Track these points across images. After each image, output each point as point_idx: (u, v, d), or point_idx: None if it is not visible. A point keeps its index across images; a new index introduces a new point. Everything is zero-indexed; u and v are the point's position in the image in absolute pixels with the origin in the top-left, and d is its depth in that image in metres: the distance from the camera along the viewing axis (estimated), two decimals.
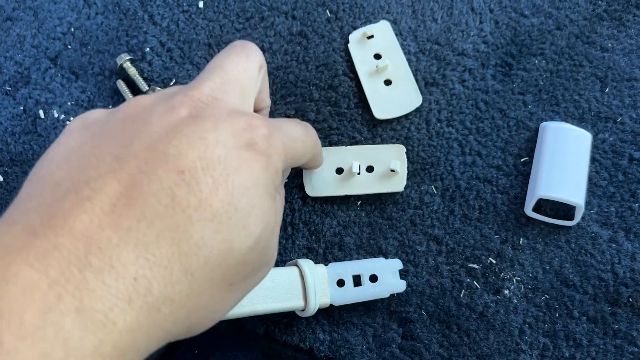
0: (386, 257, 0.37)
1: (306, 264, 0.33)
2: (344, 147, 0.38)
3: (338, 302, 0.34)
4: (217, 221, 0.20)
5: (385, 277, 0.34)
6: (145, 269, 0.18)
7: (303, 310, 0.33)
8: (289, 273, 0.33)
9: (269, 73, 0.40)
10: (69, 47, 0.41)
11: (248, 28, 0.41)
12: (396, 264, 0.35)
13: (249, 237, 0.21)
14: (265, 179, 0.22)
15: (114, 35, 0.41)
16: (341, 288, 0.34)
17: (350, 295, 0.34)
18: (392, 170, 0.37)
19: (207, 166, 0.20)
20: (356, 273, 0.34)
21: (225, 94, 0.24)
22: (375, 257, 0.37)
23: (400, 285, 0.35)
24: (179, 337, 0.21)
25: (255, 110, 0.30)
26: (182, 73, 0.40)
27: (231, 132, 0.22)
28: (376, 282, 0.34)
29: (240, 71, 0.26)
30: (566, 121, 0.39)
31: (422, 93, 0.39)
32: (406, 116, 0.39)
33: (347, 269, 0.34)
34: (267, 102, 0.32)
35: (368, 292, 0.34)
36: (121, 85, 0.40)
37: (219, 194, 0.20)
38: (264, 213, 0.22)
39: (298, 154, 0.28)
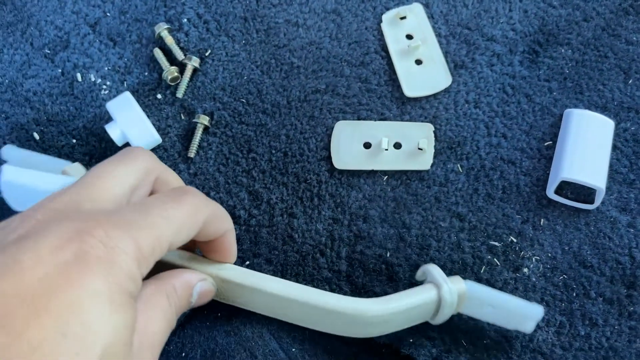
0: (409, 231, 0.38)
1: (445, 285, 0.31)
2: (373, 122, 0.39)
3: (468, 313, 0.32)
4: (39, 354, 0.17)
5: (520, 321, 0.33)
6: None
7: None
8: (427, 294, 0.31)
9: (303, 48, 0.41)
10: (108, 14, 0.42)
11: (284, 4, 0.42)
12: (538, 312, 0.32)
13: None
14: (108, 288, 0.19)
15: (153, 5, 0.42)
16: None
17: (482, 312, 0.32)
18: (419, 149, 0.38)
19: (22, 294, 0.18)
20: (493, 305, 0.32)
21: (75, 203, 0.22)
22: (399, 230, 0.38)
23: (527, 329, 0.33)
24: None
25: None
26: (217, 45, 0.41)
27: (54, 246, 0.19)
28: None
29: (111, 176, 0.24)
30: (589, 109, 0.40)
31: (451, 74, 0.40)
32: (435, 96, 0.40)
33: (485, 297, 0.32)
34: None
35: (498, 316, 0.32)
36: (158, 53, 0.41)
37: (41, 323, 0.17)
38: (110, 329, 0.19)
39: (174, 237, 0.23)
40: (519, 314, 0.32)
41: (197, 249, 0.31)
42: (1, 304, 0.18)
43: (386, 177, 0.39)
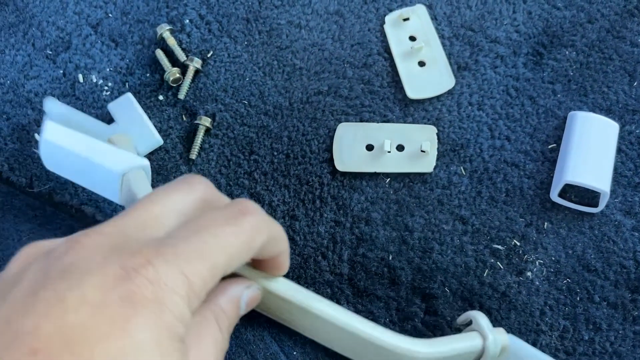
0: (412, 234, 0.37)
1: (491, 335, 0.31)
2: (375, 124, 0.39)
3: None
4: None
5: None
6: None
7: None
8: (472, 342, 0.31)
9: (305, 49, 0.41)
10: (110, 15, 0.42)
11: (286, 5, 0.42)
12: None
13: None
14: (157, 334, 0.18)
15: (155, 6, 0.42)
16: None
17: None
18: (422, 151, 0.38)
19: (66, 338, 0.16)
20: None
21: (124, 231, 0.20)
22: (401, 233, 0.37)
23: None
24: None
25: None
26: (219, 46, 0.41)
27: (99, 285, 0.18)
28: None
29: (164, 202, 0.22)
30: (594, 112, 0.39)
31: (454, 76, 0.40)
32: (438, 98, 0.40)
33: (524, 354, 0.33)
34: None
35: None
36: (160, 54, 0.41)
37: None
38: None
39: (227, 265, 0.21)
40: None
41: None
42: (45, 347, 0.16)
43: (388, 179, 0.39)
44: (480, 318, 0.32)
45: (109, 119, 0.40)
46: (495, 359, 0.31)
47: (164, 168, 0.39)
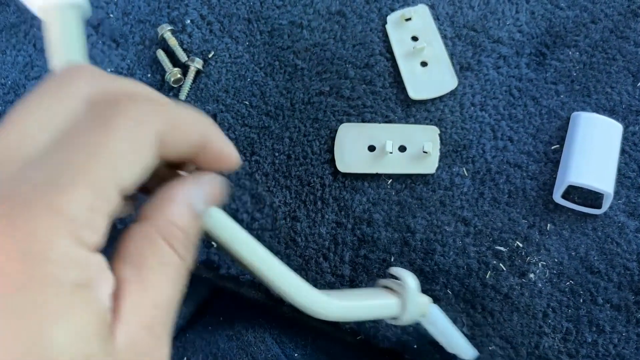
0: (414, 235, 0.37)
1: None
2: (377, 124, 0.39)
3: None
4: None
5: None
6: None
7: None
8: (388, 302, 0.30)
9: (307, 49, 0.41)
10: (111, 15, 0.42)
11: (288, 5, 0.42)
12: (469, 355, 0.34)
13: None
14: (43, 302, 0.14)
15: (156, 6, 0.42)
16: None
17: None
18: (424, 152, 0.38)
19: None
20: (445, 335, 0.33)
21: None
22: (403, 235, 0.37)
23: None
24: None
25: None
26: (220, 46, 0.41)
27: None
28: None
29: (32, 116, 0.17)
30: (597, 112, 0.39)
31: (457, 77, 0.40)
32: (440, 98, 0.39)
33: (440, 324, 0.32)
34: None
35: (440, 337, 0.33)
36: (161, 55, 0.41)
37: None
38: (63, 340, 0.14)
39: (122, 182, 0.17)
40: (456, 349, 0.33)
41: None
42: None
43: (390, 180, 0.38)
44: (407, 277, 0.29)
45: None
46: (410, 322, 0.30)
47: None
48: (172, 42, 0.41)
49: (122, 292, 0.17)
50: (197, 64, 0.40)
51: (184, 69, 0.41)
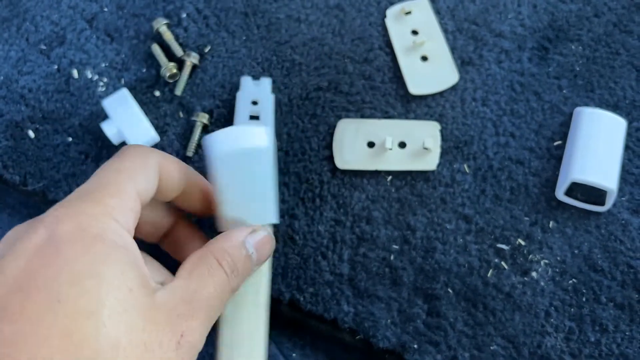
0: (414, 233, 0.37)
1: None
2: (377, 120, 0.38)
3: None
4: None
5: None
6: None
7: None
8: None
9: (305, 44, 0.40)
10: (105, 9, 0.41)
11: None
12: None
13: None
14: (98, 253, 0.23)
15: (151, 0, 0.41)
16: None
17: None
18: (425, 148, 0.37)
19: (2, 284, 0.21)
20: None
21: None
22: (403, 232, 0.37)
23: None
24: None
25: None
26: (217, 40, 0.40)
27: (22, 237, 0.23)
28: None
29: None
30: (600, 108, 0.38)
31: (458, 71, 0.39)
32: (441, 93, 0.39)
33: None
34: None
35: None
36: (156, 49, 0.40)
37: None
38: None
39: (139, 186, 0.25)
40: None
41: None
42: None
43: (390, 177, 0.38)
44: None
45: (103, 116, 0.39)
46: None
47: None
48: (168, 36, 0.40)
49: (171, 279, 0.25)
50: (193, 58, 0.39)
51: (180, 63, 0.40)
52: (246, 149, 0.28)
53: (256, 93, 0.38)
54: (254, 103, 0.37)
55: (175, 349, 0.22)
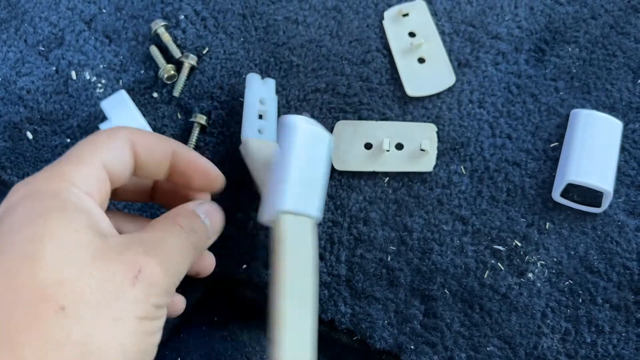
0: (411, 234, 0.37)
1: None
2: (374, 122, 0.38)
3: None
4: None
5: None
6: None
7: None
8: None
9: (302, 46, 0.40)
10: (104, 10, 0.41)
11: (283, 0, 0.41)
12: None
13: None
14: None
15: (149, 1, 0.41)
16: None
17: None
18: (422, 150, 0.37)
19: None
20: None
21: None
22: (400, 234, 0.37)
23: None
24: None
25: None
26: (215, 42, 0.40)
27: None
28: None
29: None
30: (597, 110, 0.38)
31: (454, 73, 0.39)
32: (438, 95, 0.39)
33: None
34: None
35: None
36: (154, 51, 0.40)
37: None
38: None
39: (107, 161, 0.26)
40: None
41: None
42: None
43: (387, 178, 0.38)
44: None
45: (102, 117, 0.39)
46: None
47: None
48: (166, 37, 0.40)
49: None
50: (191, 60, 0.39)
51: (178, 65, 0.40)
52: (321, 132, 0.31)
53: (263, 92, 0.38)
54: (261, 102, 0.37)
55: (132, 284, 0.22)
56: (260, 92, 0.37)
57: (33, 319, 0.20)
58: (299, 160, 0.30)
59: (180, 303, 0.31)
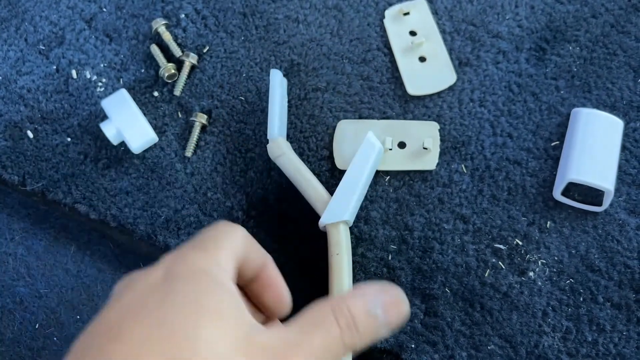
0: (412, 233, 0.37)
1: None
2: (377, 120, 0.38)
3: None
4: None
5: None
6: None
7: None
8: None
9: (303, 44, 0.40)
10: (104, 9, 0.41)
11: None
12: None
13: None
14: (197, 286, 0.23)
15: (150, 0, 0.41)
16: None
17: None
18: (424, 148, 0.37)
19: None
20: None
21: None
22: (401, 232, 0.37)
23: None
24: None
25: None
26: (215, 41, 0.40)
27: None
28: None
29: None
30: (598, 108, 0.38)
31: (455, 72, 0.39)
32: (439, 94, 0.39)
33: None
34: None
35: None
36: (155, 49, 0.40)
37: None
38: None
39: (237, 251, 0.26)
40: None
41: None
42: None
43: (388, 177, 0.38)
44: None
45: (102, 116, 0.39)
46: None
47: (159, 166, 0.38)
48: (167, 36, 0.40)
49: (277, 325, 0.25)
50: (191, 59, 0.39)
51: (179, 64, 0.40)
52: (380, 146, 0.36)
53: (282, 89, 0.38)
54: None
55: None
56: (281, 88, 0.37)
57: None
58: (367, 178, 0.35)
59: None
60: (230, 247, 0.25)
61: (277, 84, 0.36)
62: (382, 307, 0.24)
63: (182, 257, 0.24)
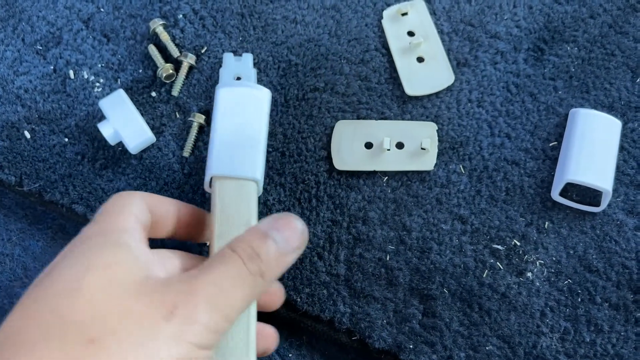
0: (410, 233, 0.37)
1: None
2: (375, 121, 0.38)
3: None
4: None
5: None
6: None
7: None
8: None
9: (301, 45, 0.40)
10: (102, 9, 0.41)
11: None
12: None
13: None
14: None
15: (147, 0, 0.41)
16: None
17: None
18: (422, 149, 0.37)
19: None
20: None
21: None
22: (399, 233, 0.37)
23: None
24: None
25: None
26: (213, 41, 0.40)
27: None
28: None
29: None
30: (596, 109, 0.38)
31: (453, 73, 0.39)
32: (437, 94, 0.39)
33: None
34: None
35: None
36: (152, 50, 0.40)
37: None
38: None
39: None
40: None
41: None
42: None
43: (386, 178, 0.38)
44: None
45: (100, 116, 0.39)
46: None
47: (157, 166, 0.38)
48: (164, 37, 0.40)
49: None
50: (189, 59, 0.39)
51: (176, 64, 0.40)
52: (251, 91, 0.34)
53: (239, 68, 0.38)
54: (238, 79, 0.38)
55: (166, 319, 0.21)
56: (234, 69, 0.38)
57: (62, 350, 0.20)
58: (223, 125, 0.33)
59: (277, 296, 0.32)
60: (128, 211, 0.27)
61: (225, 65, 0.38)
62: (277, 229, 0.25)
63: (89, 226, 0.26)
